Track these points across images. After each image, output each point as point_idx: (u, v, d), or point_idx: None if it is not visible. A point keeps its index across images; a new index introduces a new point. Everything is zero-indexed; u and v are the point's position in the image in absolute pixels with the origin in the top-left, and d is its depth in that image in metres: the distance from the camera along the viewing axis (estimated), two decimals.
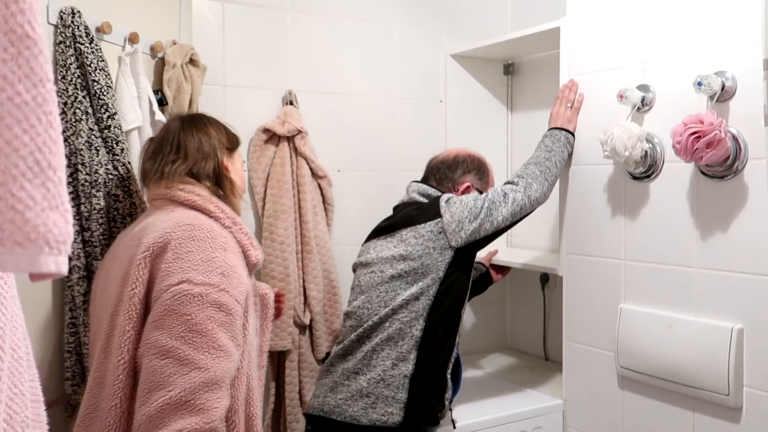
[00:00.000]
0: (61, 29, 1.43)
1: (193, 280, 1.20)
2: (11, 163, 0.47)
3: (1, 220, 0.47)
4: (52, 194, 0.49)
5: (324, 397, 1.76)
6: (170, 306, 1.18)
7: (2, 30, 0.49)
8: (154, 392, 1.15)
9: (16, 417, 0.63)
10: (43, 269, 0.48)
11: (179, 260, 1.22)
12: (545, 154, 1.85)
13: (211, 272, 1.22)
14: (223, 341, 1.20)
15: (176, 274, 1.21)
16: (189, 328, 1.17)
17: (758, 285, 1.48)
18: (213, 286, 1.21)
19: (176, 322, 1.18)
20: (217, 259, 1.24)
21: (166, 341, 1.17)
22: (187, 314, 1.18)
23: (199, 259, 1.22)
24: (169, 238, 1.24)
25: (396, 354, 1.70)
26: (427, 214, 1.78)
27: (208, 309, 1.19)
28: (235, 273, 1.26)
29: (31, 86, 0.50)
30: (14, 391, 0.63)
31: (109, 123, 1.49)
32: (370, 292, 1.78)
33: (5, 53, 0.49)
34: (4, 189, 0.47)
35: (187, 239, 1.24)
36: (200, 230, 1.27)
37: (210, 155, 1.41)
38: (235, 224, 1.36)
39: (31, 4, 0.50)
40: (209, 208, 1.34)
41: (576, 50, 1.94)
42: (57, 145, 0.50)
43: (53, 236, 0.48)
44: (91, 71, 1.45)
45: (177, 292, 1.19)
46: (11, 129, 0.48)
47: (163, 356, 1.16)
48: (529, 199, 1.78)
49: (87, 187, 1.44)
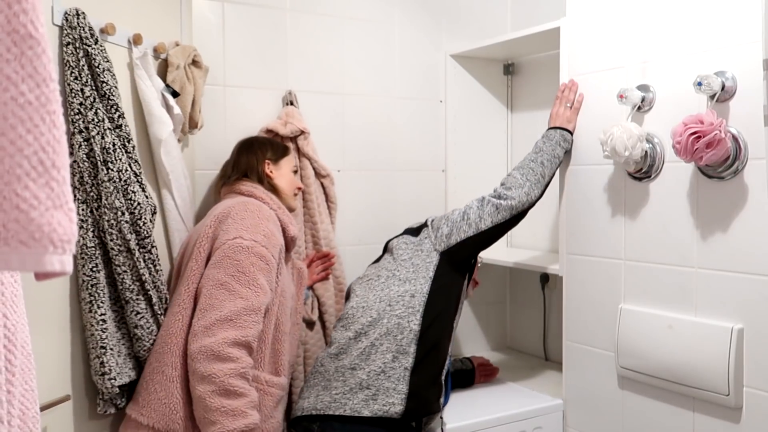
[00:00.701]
0: (67, 30, 1.43)
1: (244, 237, 1.64)
2: (15, 162, 0.47)
3: (6, 219, 0.47)
4: (57, 193, 0.49)
5: (316, 397, 1.75)
6: (226, 253, 1.62)
7: (5, 30, 0.49)
8: (209, 311, 1.57)
9: (28, 413, 0.64)
10: (47, 268, 0.48)
11: (236, 223, 1.66)
12: (531, 155, 1.89)
13: (257, 233, 1.66)
14: (261, 281, 1.63)
15: (232, 232, 1.65)
16: (238, 269, 1.61)
17: (758, 285, 1.49)
18: (257, 242, 1.64)
19: (229, 264, 1.61)
20: (262, 225, 1.68)
21: (221, 277, 1.60)
22: (237, 260, 1.61)
23: (249, 224, 1.67)
24: (230, 210, 1.70)
25: (396, 347, 1.73)
26: (416, 230, 1.98)
27: (253, 257, 1.63)
28: (274, 236, 1.70)
29: (35, 86, 0.50)
30: (25, 387, 0.64)
31: (120, 122, 1.52)
32: (366, 294, 1.85)
33: (8, 53, 0.49)
34: (9, 189, 0.47)
35: (242, 210, 1.70)
36: (252, 205, 1.73)
37: (254, 166, 1.88)
38: (280, 208, 1.82)
39: (34, 5, 0.50)
40: (261, 195, 1.80)
41: (576, 50, 1.94)
42: (60, 144, 0.50)
43: (58, 235, 0.48)
44: (99, 72, 1.46)
45: (232, 244, 1.63)
46: (15, 129, 0.48)
47: (218, 287, 1.60)
48: (508, 203, 1.82)
49: (119, 184, 1.49)
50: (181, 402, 1.59)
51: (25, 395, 0.64)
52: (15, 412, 0.61)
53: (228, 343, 1.55)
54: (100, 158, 1.46)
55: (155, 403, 1.59)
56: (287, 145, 2.01)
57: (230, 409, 1.53)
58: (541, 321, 2.47)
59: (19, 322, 0.63)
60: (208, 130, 2.04)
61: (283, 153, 1.95)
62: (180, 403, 1.59)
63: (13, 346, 0.61)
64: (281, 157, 1.94)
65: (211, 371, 1.53)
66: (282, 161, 1.93)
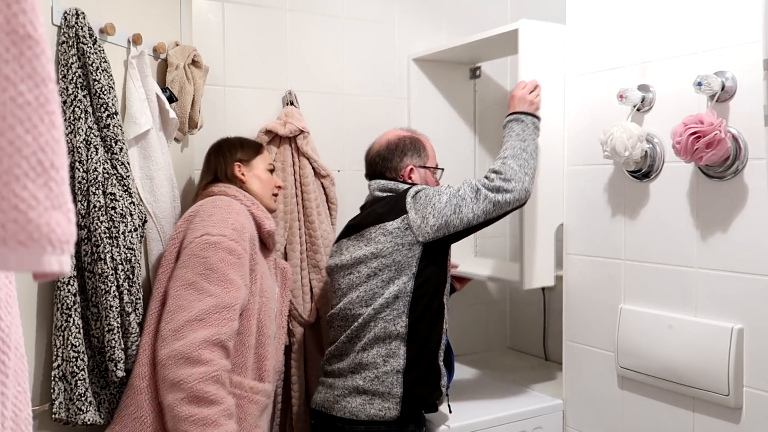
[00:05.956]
0: (64, 29, 1.43)
1: (211, 233, 1.56)
2: (14, 163, 0.47)
3: (4, 219, 0.47)
4: (55, 194, 0.49)
5: (325, 394, 1.81)
6: (194, 251, 1.54)
7: (4, 30, 0.49)
8: (177, 313, 1.48)
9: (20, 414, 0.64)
10: (46, 269, 0.48)
11: (203, 221, 1.59)
12: (520, 144, 1.75)
13: (225, 227, 1.58)
14: (233, 277, 1.54)
15: (199, 230, 1.57)
16: (206, 267, 1.52)
17: (758, 285, 1.49)
18: (226, 236, 1.56)
19: (197, 262, 1.53)
20: (231, 219, 1.60)
21: (189, 276, 1.52)
22: (205, 257, 1.53)
23: (217, 219, 1.59)
24: (199, 209, 1.64)
25: (386, 351, 1.72)
26: (395, 210, 1.75)
27: (221, 253, 1.54)
28: (244, 228, 1.62)
29: (34, 86, 0.50)
30: (18, 389, 0.64)
31: (108, 122, 1.48)
32: (351, 293, 1.79)
33: (7, 53, 0.49)
34: (7, 189, 0.47)
35: (210, 207, 1.63)
36: (221, 201, 1.66)
37: (223, 170, 1.81)
38: (254, 204, 1.73)
39: (33, 5, 0.50)
40: (233, 193, 1.73)
41: (576, 50, 1.94)
42: (59, 144, 0.50)
43: (56, 236, 0.48)
44: (93, 71, 1.45)
45: (199, 242, 1.55)
46: (14, 129, 0.48)
47: (186, 287, 1.51)
48: (505, 198, 1.69)
49: (84, 184, 1.43)
50: (151, 415, 1.48)
51: (18, 397, 0.64)
52: (8, 413, 0.61)
53: (199, 344, 1.44)
54: (69, 158, 1.40)
55: (126, 418, 1.50)
56: (260, 143, 1.93)
57: (201, 417, 1.40)
58: (541, 321, 2.47)
59: (13, 324, 0.63)
60: (208, 130, 2.04)
61: (255, 152, 1.87)
62: (150, 415, 1.48)
63: (7, 348, 0.62)
64: (253, 156, 1.86)
65: (181, 377, 1.41)
66: (254, 161, 1.85)
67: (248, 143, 1.89)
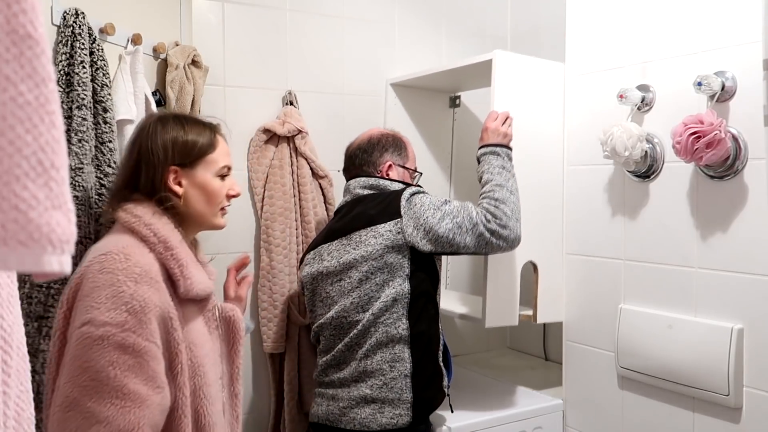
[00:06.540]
0: (62, 29, 1.43)
1: (95, 321, 1.10)
2: (14, 163, 0.47)
3: (5, 219, 0.47)
4: (55, 194, 0.49)
5: (327, 406, 1.73)
6: (74, 352, 1.10)
7: (4, 30, 0.49)
8: None
9: (23, 414, 0.64)
10: (46, 269, 0.48)
11: (87, 297, 1.13)
12: (506, 184, 1.72)
13: (116, 310, 1.11)
14: (131, 387, 1.10)
15: (81, 314, 1.12)
16: (91, 376, 1.08)
17: (758, 285, 1.49)
18: (116, 326, 1.10)
19: (79, 370, 1.09)
20: (125, 294, 1.13)
21: (70, 392, 1.08)
22: (88, 361, 1.09)
23: (105, 295, 1.12)
24: (85, 272, 1.16)
25: (390, 356, 1.67)
26: (388, 212, 1.71)
27: (111, 353, 1.09)
28: (148, 307, 1.14)
29: (34, 86, 0.50)
30: (21, 388, 0.64)
31: (98, 120, 1.46)
32: (343, 300, 1.71)
33: (8, 53, 0.49)
34: (8, 189, 0.47)
35: (97, 272, 1.14)
36: (112, 261, 1.15)
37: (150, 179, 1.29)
38: (168, 249, 1.22)
39: (33, 4, 0.50)
40: (142, 232, 1.22)
41: (576, 50, 1.94)
42: (59, 144, 0.50)
43: (56, 236, 0.48)
44: (93, 71, 1.45)
45: (80, 336, 1.10)
46: (14, 129, 0.48)
47: (67, 409, 1.08)
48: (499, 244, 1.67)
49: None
50: None
51: (20, 396, 0.64)
52: (10, 413, 0.61)
53: None
54: None
55: None
56: (215, 130, 1.39)
57: None
58: None
59: (15, 323, 0.63)
60: None
61: (201, 152, 1.33)
62: None
63: (9, 347, 0.62)
64: (199, 157, 1.33)
65: None
66: (200, 165, 1.33)
67: (191, 141, 1.33)
